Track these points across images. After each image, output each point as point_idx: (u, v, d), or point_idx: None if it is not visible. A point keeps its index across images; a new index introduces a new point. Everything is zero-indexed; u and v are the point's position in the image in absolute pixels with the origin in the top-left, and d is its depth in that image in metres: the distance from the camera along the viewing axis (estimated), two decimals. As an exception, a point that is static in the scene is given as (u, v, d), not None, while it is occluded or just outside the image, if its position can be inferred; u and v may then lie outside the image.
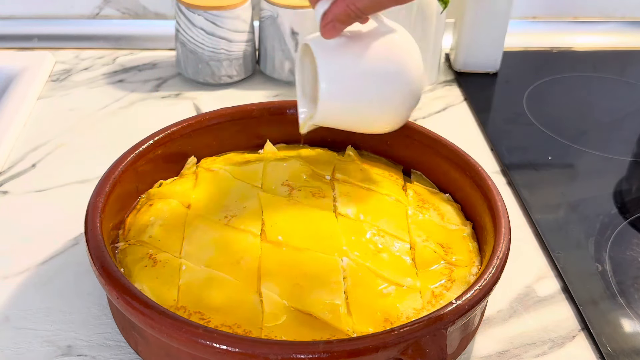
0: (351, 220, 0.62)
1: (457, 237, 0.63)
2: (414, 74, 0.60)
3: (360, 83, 0.59)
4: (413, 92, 0.61)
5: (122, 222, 0.62)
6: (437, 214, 0.65)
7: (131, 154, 0.63)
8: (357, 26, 0.59)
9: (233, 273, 0.56)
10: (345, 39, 0.58)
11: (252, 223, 0.60)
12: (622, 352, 0.58)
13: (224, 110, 0.70)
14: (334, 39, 0.58)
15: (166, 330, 0.47)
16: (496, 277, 0.53)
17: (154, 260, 0.57)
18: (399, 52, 0.60)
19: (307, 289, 0.54)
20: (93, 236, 0.54)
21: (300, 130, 0.64)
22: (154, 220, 0.61)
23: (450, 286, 0.57)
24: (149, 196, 0.65)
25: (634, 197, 0.77)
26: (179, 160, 0.68)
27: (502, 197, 0.61)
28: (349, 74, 0.59)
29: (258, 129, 0.71)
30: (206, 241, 0.59)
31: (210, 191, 0.64)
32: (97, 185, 0.59)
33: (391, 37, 0.60)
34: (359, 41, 0.59)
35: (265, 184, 0.65)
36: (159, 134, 0.66)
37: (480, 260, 0.60)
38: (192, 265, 0.56)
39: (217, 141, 0.70)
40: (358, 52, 0.58)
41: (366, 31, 0.59)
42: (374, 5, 0.56)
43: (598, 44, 1.09)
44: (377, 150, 0.72)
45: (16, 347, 0.56)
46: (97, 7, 1.02)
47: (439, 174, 0.69)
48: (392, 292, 0.56)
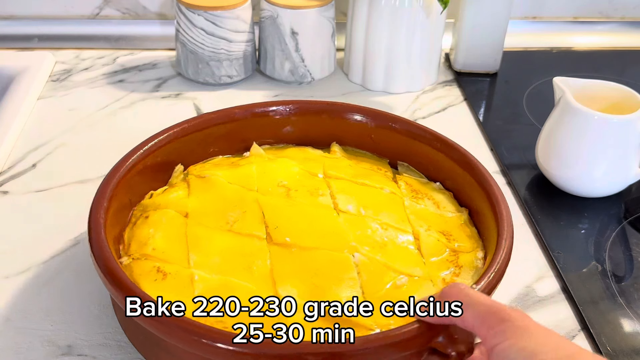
0: (353, 216, 0.62)
1: (455, 224, 0.64)
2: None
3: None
4: None
5: (120, 237, 0.60)
6: (432, 203, 0.66)
7: (122, 166, 0.61)
8: None
9: (247, 279, 0.55)
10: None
11: (256, 227, 0.60)
12: (622, 352, 0.58)
13: (208, 116, 0.68)
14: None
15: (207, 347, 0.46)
16: (507, 259, 0.55)
17: (163, 273, 0.56)
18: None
19: (324, 288, 0.54)
20: (102, 255, 0.53)
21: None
22: (154, 232, 0.59)
23: (459, 272, 0.58)
24: (143, 208, 0.63)
25: (633, 197, 0.77)
26: (166, 170, 0.66)
27: (493, 178, 0.62)
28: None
29: (242, 132, 0.70)
30: (212, 249, 0.58)
31: (207, 198, 0.63)
32: (95, 201, 0.57)
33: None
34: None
35: (261, 187, 0.64)
36: (147, 143, 0.64)
37: (483, 245, 0.61)
38: (204, 274, 0.55)
39: (202, 147, 0.69)
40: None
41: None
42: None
43: (598, 44, 1.09)
44: (361, 145, 0.72)
45: (16, 347, 0.56)
46: (97, 7, 1.02)
47: (426, 163, 0.69)
48: (405, 283, 0.56)
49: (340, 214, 0.62)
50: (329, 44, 0.93)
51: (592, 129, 0.71)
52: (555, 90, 0.74)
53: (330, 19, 0.91)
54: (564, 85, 0.73)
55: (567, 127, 0.72)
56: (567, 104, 0.71)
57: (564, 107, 0.72)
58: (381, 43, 0.91)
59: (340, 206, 0.63)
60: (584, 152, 0.72)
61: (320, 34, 0.91)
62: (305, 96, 0.92)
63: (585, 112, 0.70)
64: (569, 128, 0.72)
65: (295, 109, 0.71)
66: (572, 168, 0.73)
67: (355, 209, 0.62)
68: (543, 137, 0.76)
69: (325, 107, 0.71)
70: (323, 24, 0.90)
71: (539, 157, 0.76)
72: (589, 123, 0.70)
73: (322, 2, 0.89)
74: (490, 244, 0.59)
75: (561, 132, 0.73)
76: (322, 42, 0.91)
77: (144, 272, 0.56)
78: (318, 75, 0.94)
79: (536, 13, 1.11)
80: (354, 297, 0.54)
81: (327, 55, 0.93)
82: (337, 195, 0.64)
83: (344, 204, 0.63)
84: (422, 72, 0.94)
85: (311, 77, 0.93)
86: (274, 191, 0.64)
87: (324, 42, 0.92)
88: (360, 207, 0.63)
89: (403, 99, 0.93)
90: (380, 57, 0.92)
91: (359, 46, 0.93)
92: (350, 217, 0.61)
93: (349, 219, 0.61)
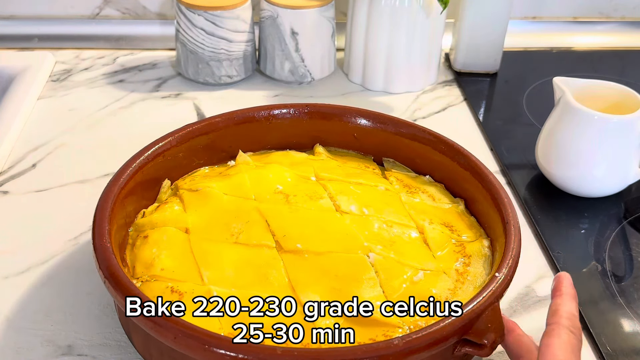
0: (357, 216, 0.62)
1: (454, 214, 0.64)
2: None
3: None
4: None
5: (123, 260, 0.58)
6: (426, 196, 0.66)
7: (116, 185, 0.59)
8: None
9: (266, 290, 0.55)
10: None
11: (263, 236, 0.59)
12: (622, 352, 0.58)
13: (190, 127, 0.67)
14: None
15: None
16: (519, 243, 0.56)
17: (178, 292, 0.54)
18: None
19: (346, 291, 0.54)
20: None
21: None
22: (158, 252, 0.57)
23: (469, 262, 0.59)
24: (138, 228, 0.61)
25: (633, 197, 0.77)
26: (153, 187, 0.65)
27: (485, 165, 0.63)
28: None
29: (225, 141, 0.69)
30: (223, 263, 0.57)
31: (205, 212, 0.62)
32: (96, 225, 0.55)
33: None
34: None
35: (258, 195, 0.63)
36: (136, 159, 0.62)
37: (485, 232, 0.62)
38: (222, 289, 0.54)
39: (187, 159, 0.67)
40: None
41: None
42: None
43: (598, 44, 1.09)
44: (344, 144, 0.72)
45: (16, 347, 0.56)
46: (97, 7, 1.02)
47: (413, 157, 0.69)
48: (421, 278, 0.56)
49: (344, 216, 0.62)
50: (329, 44, 0.93)
51: (592, 129, 0.71)
52: (555, 90, 0.74)
53: (330, 19, 0.91)
54: (564, 85, 0.73)
55: (567, 127, 0.72)
56: (567, 104, 0.71)
57: (564, 107, 0.72)
58: (381, 43, 0.91)
59: (342, 207, 0.62)
60: (584, 152, 0.72)
61: (320, 34, 0.91)
62: (305, 96, 0.92)
63: (585, 112, 0.70)
64: (569, 128, 0.72)
65: (276, 113, 0.70)
66: (572, 168, 0.73)
67: (357, 209, 0.62)
68: (543, 137, 0.76)
69: (306, 109, 0.71)
70: (323, 24, 0.90)
71: (539, 157, 0.76)
72: (589, 123, 0.70)
73: (322, 2, 0.89)
74: (493, 231, 0.60)
75: (561, 132, 0.73)
76: (322, 42, 0.91)
77: (156, 295, 0.54)
78: (318, 75, 0.94)
79: (536, 13, 1.11)
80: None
81: (327, 55, 0.93)
82: (336, 197, 0.63)
83: (345, 205, 0.63)
84: (422, 72, 0.94)
85: (311, 77, 0.93)
86: (272, 198, 0.63)
87: (324, 42, 0.92)
88: (362, 207, 0.63)
89: (403, 99, 0.93)
90: (380, 57, 0.92)
91: (359, 46, 0.93)
92: (355, 218, 0.61)
93: (354, 219, 0.61)
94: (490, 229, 0.61)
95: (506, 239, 0.56)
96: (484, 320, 0.50)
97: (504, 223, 0.58)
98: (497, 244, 0.59)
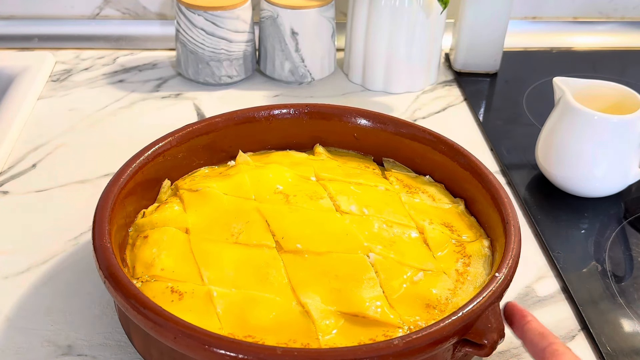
0: (357, 216, 0.62)
1: (454, 214, 0.64)
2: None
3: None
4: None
5: (123, 260, 0.58)
6: (426, 196, 0.66)
7: (116, 185, 0.59)
8: None
9: (266, 290, 0.55)
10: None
11: (263, 236, 0.59)
12: (622, 352, 0.58)
13: (190, 127, 0.67)
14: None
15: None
16: (519, 243, 0.56)
17: (178, 293, 0.54)
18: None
19: (346, 291, 0.54)
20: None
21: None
22: (158, 252, 0.57)
23: (469, 262, 0.59)
24: (138, 228, 0.61)
25: (634, 197, 0.77)
26: (153, 187, 0.64)
27: (485, 165, 0.63)
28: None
29: (225, 141, 0.69)
30: (224, 263, 0.57)
31: (205, 212, 0.62)
32: (96, 225, 0.55)
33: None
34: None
35: (258, 195, 0.63)
36: (136, 159, 0.62)
37: (485, 232, 0.62)
38: (222, 289, 0.54)
39: (187, 160, 0.67)
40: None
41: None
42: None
43: (598, 44, 1.09)
44: (344, 144, 0.72)
45: (16, 347, 0.56)
46: (97, 7, 1.02)
47: (413, 157, 0.69)
48: (422, 278, 0.57)
49: (344, 216, 0.62)
50: (329, 44, 0.93)
51: (592, 129, 0.71)
52: (555, 90, 0.74)
53: (330, 19, 0.91)
54: (563, 85, 0.73)
55: (567, 127, 0.72)
56: (567, 104, 0.71)
57: (564, 107, 0.72)
58: (381, 43, 0.91)
59: (342, 208, 0.62)
60: (584, 152, 0.72)
61: (320, 34, 0.91)
62: (305, 96, 0.92)
63: (585, 112, 0.70)
64: (569, 128, 0.72)
65: (276, 113, 0.70)
66: (572, 168, 0.73)
67: (357, 210, 0.62)
68: (543, 137, 0.76)
69: (306, 109, 0.71)
70: (323, 24, 0.90)
71: (539, 157, 0.76)
72: (589, 123, 0.70)
73: (322, 2, 0.89)
74: (493, 231, 0.60)
75: (561, 132, 0.73)
76: (322, 42, 0.92)
77: (157, 294, 0.54)
78: (318, 76, 0.94)
79: (536, 13, 1.11)
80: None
81: (327, 55, 0.93)
82: (336, 197, 0.63)
83: (346, 205, 0.63)
84: (422, 72, 0.94)
85: (311, 77, 0.93)
86: (272, 198, 0.63)
87: (324, 42, 0.92)
88: (362, 207, 0.63)
89: (403, 99, 0.93)
90: (380, 57, 0.92)
91: (359, 46, 0.93)
92: (355, 218, 0.61)
93: (354, 219, 0.61)
94: (490, 229, 0.61)
95: (506, 239, 0.56)
96: (484, 321, 0.50)
97: (504, 223, 0.58)
98: (497, 244, 0.59)
